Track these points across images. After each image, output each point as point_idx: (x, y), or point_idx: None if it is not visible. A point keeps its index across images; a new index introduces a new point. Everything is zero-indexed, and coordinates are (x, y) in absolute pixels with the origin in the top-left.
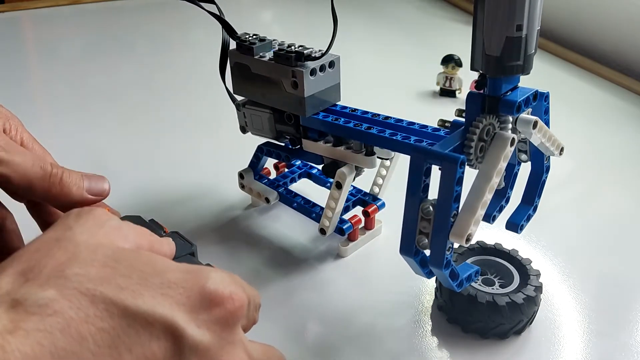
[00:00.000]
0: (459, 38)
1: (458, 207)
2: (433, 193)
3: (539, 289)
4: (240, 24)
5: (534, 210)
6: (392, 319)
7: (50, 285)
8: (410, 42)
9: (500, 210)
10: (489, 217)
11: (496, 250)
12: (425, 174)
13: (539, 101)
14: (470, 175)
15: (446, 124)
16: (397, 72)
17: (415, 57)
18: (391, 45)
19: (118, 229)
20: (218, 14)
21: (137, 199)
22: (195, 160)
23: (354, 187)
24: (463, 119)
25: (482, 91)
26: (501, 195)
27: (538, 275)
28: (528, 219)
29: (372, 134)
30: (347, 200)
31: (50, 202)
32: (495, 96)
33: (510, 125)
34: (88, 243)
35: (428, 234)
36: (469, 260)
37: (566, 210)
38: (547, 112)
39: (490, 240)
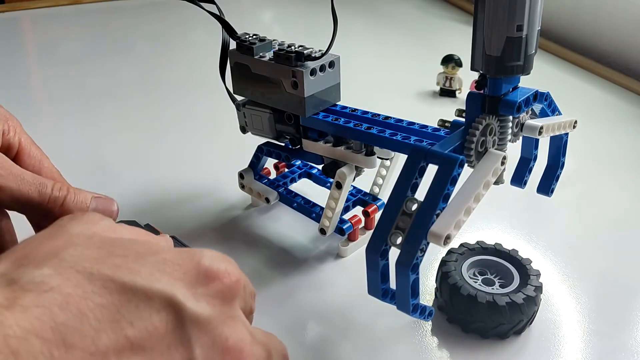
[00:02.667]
0: (459, 38)
1: (444, 209)
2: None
3: (539, 289)
4: (240, 24)
5: (562, 168)
6: (392, 319)
7: (45, 264)
8: (410, 42)
9: (530, 172)
10: (521, 182)
11: (496, 250)
12: (419, 173)
13: (540, 102)
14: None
15: (446, 124)
16: (397, 72)
17: (415, 57)
18: (391, 45)
19: (113, 226)
20: (218, 14)
21: (136, 199)
22: (195, 160)
23: (354, 187)
24: (463, 119)
25: (482, 91)
26: (527, 158)
27: (538, 275)
28: (557, 179)
29: (372, 133)
30: (347, 200)
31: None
32: (495, 96)
33: (510, 125)
34: (83, 233)
35: (405, 230)
36: (469, 261)
37: (566, 210)
38: (550, 105)
39: (490, 240)
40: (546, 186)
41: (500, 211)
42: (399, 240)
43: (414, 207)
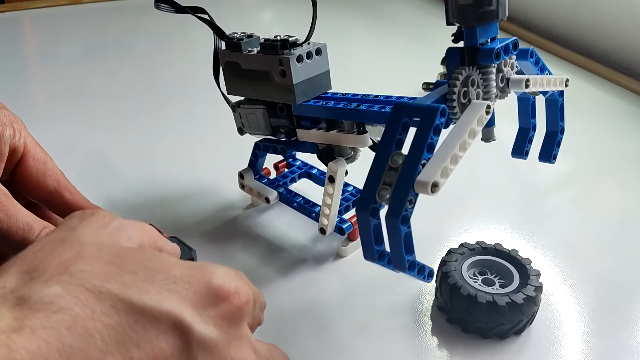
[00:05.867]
0: None
1: (429, 159)
2: None
3: (539, 289)
4: (241, 24)
5: (562, 132)
6: (392, 319)
7: (55, 281)
8: (410, 42)
9: (530, 142)
10: (522, 153)
11: (496, 251)
12: (402, 129)
13: (525, 58)
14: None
15: (430, 86)
16: (397, 72)
17: (415, 57)
18: (391, 45)
19: (121, 229)
20: (208, 18)
21: (137, 200)
22: (195, 160)
23: (354, 187)
24: (445, 80)
25: (460, 44)
26: (526, 128)
27: (538, 275)
28: (558, 145)
29: (361, 110)
30: (347, 200)
31: None
32: (473, 46)
33: (493, 77)
34: (92, 242)
35: (391, 184)
36: (469, 260)
37: (566, 210)
38: (538, 63)
39: (490, 240)
40: (548, 153)
41: (500, 211)
42: (388, 195)
43: (400, 160)
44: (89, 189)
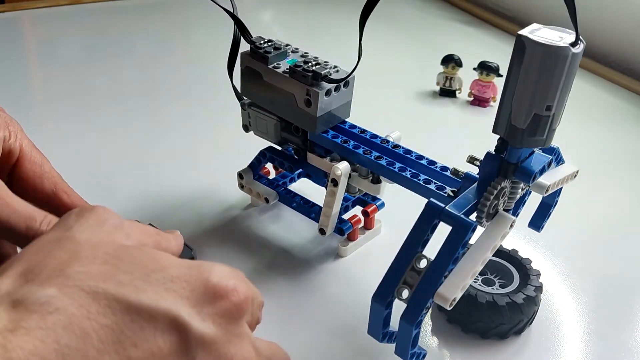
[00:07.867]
0: (459, 38)
1: (452, 269)
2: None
3: (539, 289)
4: None
5: (554, 206)
6: (392, 319)
7: (50, 283)
8: (410, 42)
9: (548, 217)
10: (538, 227)
11: (496, 250)
12: (431, 230)
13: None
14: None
15: (459, 174)
16: (397, 72)
17: (415, 57)
18: (391, 46)
19: (119, 227)
20: (232, 11)
21: (136, 201)
22: (195, 161)
23: None
24: (474, 166)
25: (500, 154)
26: (549, 204)
27: (538, 275)
28: (548, 217)
29: (381, 165)
30: (347, 200)
31: None
32: (513, 163)
33: (520, 188)
34: (89, 241)
35: (412, 286)
36: None
37: (566, 210)
38: (557, 157)
39: None
40: (538, 222)
41: None
42: (405, 294)
43: (423, 264)
44: (87, 190)
